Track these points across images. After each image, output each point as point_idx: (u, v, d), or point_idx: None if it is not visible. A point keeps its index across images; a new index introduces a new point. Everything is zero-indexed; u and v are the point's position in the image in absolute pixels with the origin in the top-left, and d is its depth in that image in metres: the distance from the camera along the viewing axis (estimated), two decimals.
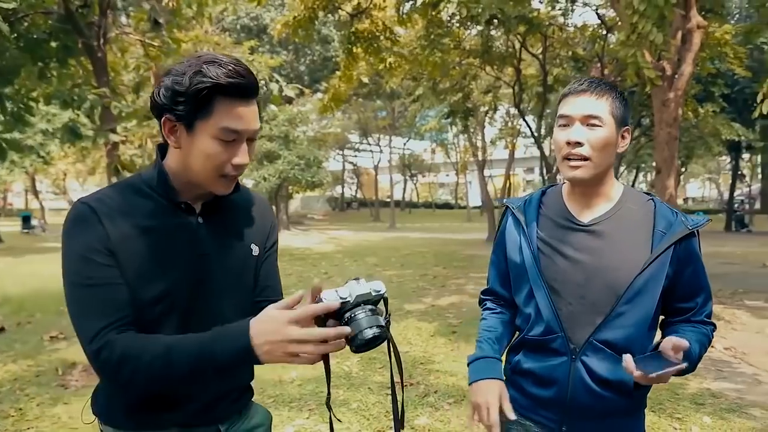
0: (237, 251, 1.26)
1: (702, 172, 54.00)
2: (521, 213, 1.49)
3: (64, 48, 5.20)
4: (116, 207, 1.14)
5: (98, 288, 1.09)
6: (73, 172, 31.00)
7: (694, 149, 21.57)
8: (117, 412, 1.23)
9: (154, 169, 1.20)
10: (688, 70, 6.99)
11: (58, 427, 3.64)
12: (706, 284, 1.43)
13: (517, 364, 1.49)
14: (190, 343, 1.04)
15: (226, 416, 1.30)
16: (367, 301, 1.02)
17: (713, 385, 4.47)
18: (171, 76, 1.09)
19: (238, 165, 1.13)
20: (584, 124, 1.34)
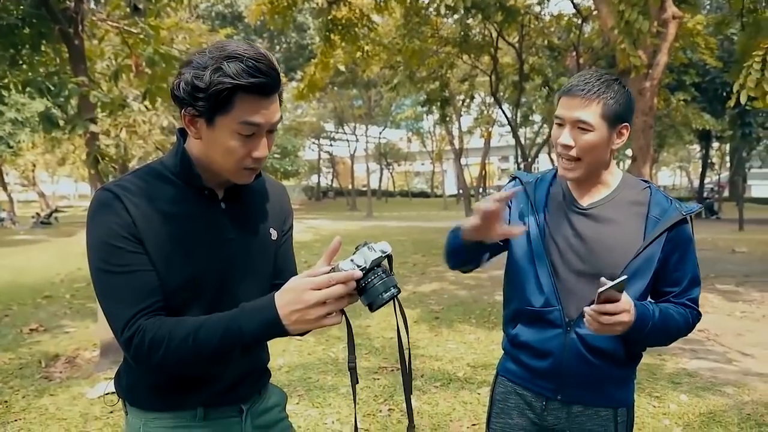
0: (258, 236, 1.29)
1: (673, 160, 55.18)
2: (532, 189, 1.56)
3: (39, 34, 5.07)
4: (140, 193, 1.14)
5: (127, 275, 1.10)
6: (42, 163, 30.23)
7: (666, 138, 22.06)
8: (142, 394, 1.25)
9: (176, 155, 1.20)
10: (663, 60, 7.14)
11: (45, 418, 3.61)
12: (694, 270, 1.48)
13: (515, 337, 1.56)
14: (218, 321, 1.06)
15: (248, 396, 1.33)
16: (378, 264, 1.07)
17: (689, 365, 4.64)
18: (192, 70, 1.06)
19: (258, 158, 1.14)
20: (574, 128, 1.39)
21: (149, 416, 1.24)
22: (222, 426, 1.28)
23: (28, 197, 43.50)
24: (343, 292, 1.02)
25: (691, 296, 1.47)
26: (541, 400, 1.52)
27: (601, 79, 1.39)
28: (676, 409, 3.72)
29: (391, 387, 4.09)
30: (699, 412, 3.66)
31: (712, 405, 3.78)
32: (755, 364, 4.65)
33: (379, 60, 12.75)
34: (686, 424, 3.49)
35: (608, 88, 1.38)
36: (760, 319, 6.24)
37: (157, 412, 1.24)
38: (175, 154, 1.21)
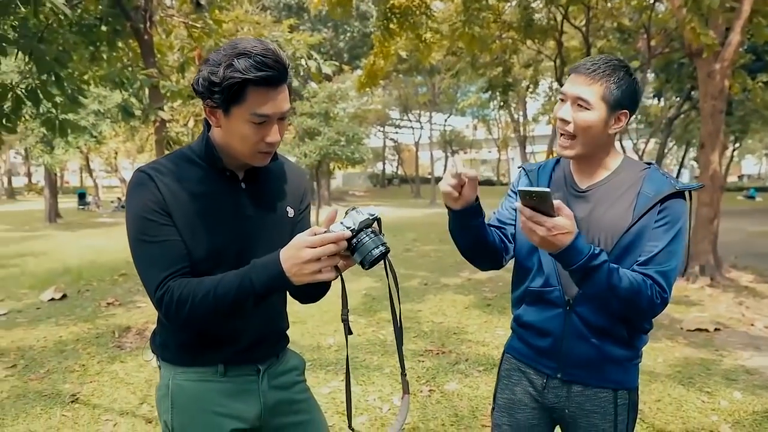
0: (275, 213, 1.43)
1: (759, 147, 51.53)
2: (535, 177, 1.62)
3: (114, 31, 5.45)
4: (170, 174, 1.31)
5: (159, 244, 1.26)
6: (123, 150, 32.03)
7: (749, 123, 20.62)
8: (171, 351, 1.43)
9: (202, 141, 1.36)
10: (736, 39, 6.76)
11: (116, 381, 3.99)
12: (674, 245, 1.40)
13: (519, 316, 1.62)
14: (233, 276, 1.22)
15: (265, 358, 1.48)
16: (368, 226, 1.20)
17: (749, 362, 4.45)
18: (208, 67, 1.21)
19: (271, 143, 1.28)
20: (574, 104, 1.42)
21: (177, 370, 1.42)
22: (240, 383, 1.43)
23: (111, 183, 46.26)
24: (334, 251, 1.15)
25: (658, 268, 1.38)
26: (543, 377, 1.56)
27: (609, 63, 1.41)
28: (728, 405, 3.60)
29: (434, 369, 4.19)
30: (752, 411, 3.53)
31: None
32: None
33: (440, 47, 12.67)
34: (736, 422, 3.38)
35: (613, 72, 1.40)
36: None
37: (183, 367, 1.41)
38: (201, 140, 1.37)
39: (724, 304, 6.32)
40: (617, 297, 1.34)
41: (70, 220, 19.87)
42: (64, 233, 15.19)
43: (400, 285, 1.33)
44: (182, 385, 1.40)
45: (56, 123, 4.38)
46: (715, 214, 7.41)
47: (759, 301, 6.53)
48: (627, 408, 1.53)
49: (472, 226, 1.49)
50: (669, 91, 17.40)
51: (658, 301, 1.37)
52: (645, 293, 1.35)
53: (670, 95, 17.97)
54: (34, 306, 6.37)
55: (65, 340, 5.01)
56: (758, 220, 17.55)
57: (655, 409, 3.54)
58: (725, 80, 6.98)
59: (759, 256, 9.75)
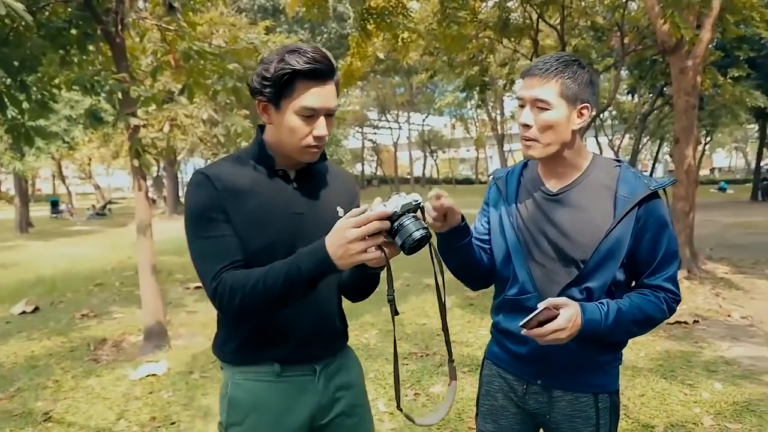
0: (325, 211, 1.45)
1: (729, 141, 52.68)
2: (504, 184, 1.59)
3: (84, 35, 5.31)
4: (226, 174, 1.38)
5: (215, 239, 1.33)
6: (97, 156, 31.50)
7: (719, 117, 21.05)
8: (229, 352, 1.47)
9: (256, 143, 1.44)
10: (706, 36, 6.87)
11: (91, 397, 3.87)
12: (669, 248, 1.43)
13: (498, 323, 1.60)
14: (282, 265, 1.26)
15: (320, 356, 1.48)
16: (409, 210, 1.20)
17: (728, 353, 4.51)
18: (262, 65, 1.32)
19: (318, 136, 1.34)
20: (533, 106, 1.39)
21: (236, 370, 1.46)
22: (297, 383, 1.45)
23: (86, 190, 45.47)
24: (378, 227, 1.17)
25: (666, 275, 1.43)
26: (523, 383, 1.55)
27: (560, 59, 1.38)
28: (709, 397, 3.64)
29: (419, 372, 4.16)
30: (733, 401, 3.57)
31: (748, 394, 3.67)
32: None
33: (417, 47, 12.67)
34: (717, 413, 3.41)
35: (567, 67, 1.37)
36: None
37: (241, 366, 1.45)
38: (254, 143, 1.45)
39: (701, 296, 6.41)
40: (640, 328, 1.44)
41: (42, 229, 19.42)
42: (36, 243, 14.83)
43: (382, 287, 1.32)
44: (240, 384, 1.45)
45: (22, 130, 4.23)
46: (690, 208, 7.51)
47: (734, 292, 6.64)
48: (608, 411, 1.51)
49: (461, 247, 1.50)
50: (642, 88, 17.66)
51: (674, 305, 1.46)
52: (660, 308, 1.43)
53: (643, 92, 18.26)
54: (4, 320, 6.18)
55: (37, 355, 4.86)
56: (731, 212, 17.90)
57: (640, 404, 3.55)
58: (697, 76, 7.08)
59: (733, 248, 9.93)
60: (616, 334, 1.42)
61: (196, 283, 7.86)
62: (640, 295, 1.44)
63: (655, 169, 40.66)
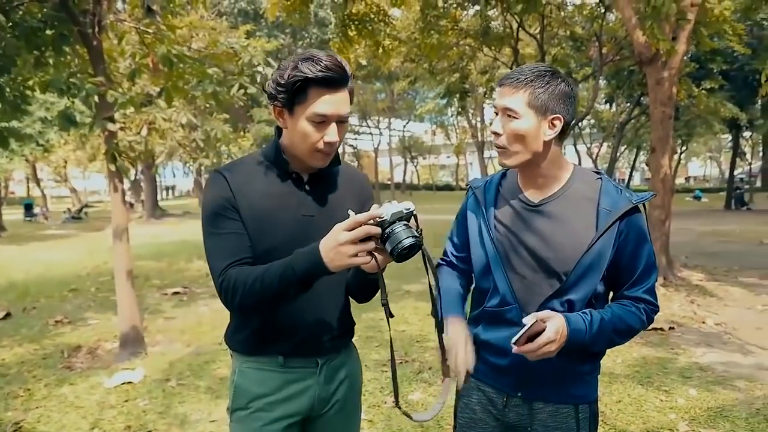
0: (336, 214, 1.44)
1: (703, 150, 53.80)
2: (482, 194, 1.57)
3: (60, 36, 5.22)
4: (241, 174, 1.45)
5: (226, 235, 1.39)
6: (73, 159, 30.96)
7: (695, 127, 21.49)
8: (238, 341, 1.54)
9: (272, 145, 1.49)
10: (682, 48, 7.01)
11: (64, 406, 3.77)
12: (649, 260, 1.45)
13: (477, 335, 1.57)
14: (279, 264, 1.31)
15: (324, 351, 1.54)
16: (401, 218, 1.22)
17: (702, 359, 4.58)
18: (277, 72, 1.37)
19: (329, 143, 1.38)
20: (504, 115, 1.41)
21: (243, 359, 1.53)
22: (299, 374, 1.52)
23: (61, 193, 44.65)
24: (367, 233, 1.20)
25: (645, 287, 1.46)
26: (503, 396, 1.54)
27: (534, 70, 1.39)
28: (684, 403, 3.69)
29: (398, 379, 4.14)
30: (707, 407, 3.62)
31: (722, 399, 3.73)
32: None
33: (398, 54, 12.73)
34: (692, 419, 3.46)
35: (538, 77, 1.38)
36: None
37: (248, 356, 1.53)
38: (271, 145, 1.50)
39: (677, 303, 6.51)
40: (620, 337, 1.46)
41: (15, 232, 18.99)
42: (9, 247, 14.49)
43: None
44: (246, 372, 1.52)
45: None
46: (666, 216, 7.64)
47: (709, 299, 6.76)
48: (588, 421, 1.52)
49: None
50: (620, 98, 17.96)
51: (653, 315, 1.49)
52: (640, 318, 1.46)
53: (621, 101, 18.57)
54: None
55: (8, 363, 4.73)
56: (705, 221, 18.24)
57: (617, 411, 3.58)
58: (673, 87, 7.22)
59: (707, 255, 10.11)
60: (598, 344, 1.44)
61: (174, 289, 7.76)
62: (621, 306, 1.46)
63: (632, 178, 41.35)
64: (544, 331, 1.31)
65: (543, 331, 1.31)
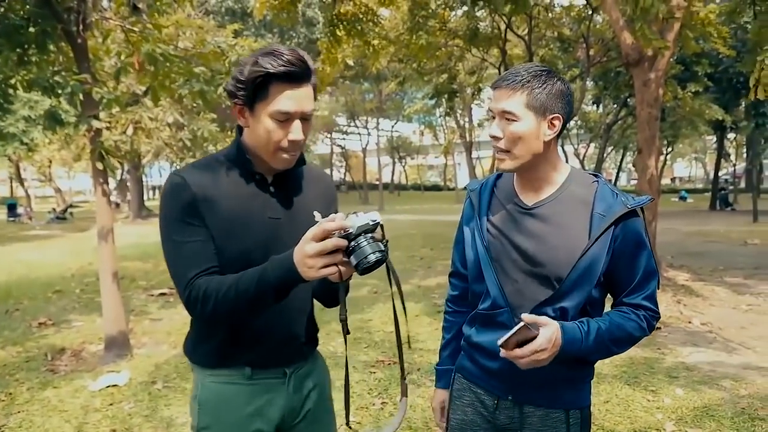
0: (302, 216, 1.41)
1: (689, 151, 54.38)
2: (477, 196, 1.56)
3: (44, 33, 5.13)
4: (203, 177, 1.35)
5: (190, 244, 1.31)
6: (58, 159, 30.58)
7: (680, 129, 21.71)
8: (201, 354, 1.47)
9: (234, 145, 1.41)
10: (668, 51, 7.05)
11: (47, 410, 3.71)
12: (648, 266, 1.41)
13: (469, 337, 1.57)
14: (253, 272, 1.25)
15: (291, 360, 1.49)
16: (367, 231, 1.17)
17: (688, 359, 4.62)
18: (238, 68, 1.29)
19: (293, 141, 1.32)
20: (502, 118, 1.38)
21: (207, 372, 1.45)
22: (267, 386, 1.45)
23: (46, 193, 44.11)
24: (335, 246, 1.14)
25: (645, 293, 1.42)
26: (493, 398, 1.53)
27: (530, 70, 1.36)
28: (671, 403, 3.71)
29: (386, 381, 4.13)
30: (693, 406, 3.65)
31: (708, 399, 3.76)
32: (756, 358, 4.62)
33: (386, 54, 12.72)
34: (679, 419, 3.48)
35: (535, 78, 1.35)
36: (766, 312, 6.18)
37: (212, 369, 1.45)
38: (233, 145, 1.42)
39: (663, 303, 6.56)
40: (619, 347, 1.42)
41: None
42: None
43: (350, 293, 1.31)
44: (210, 387, 1.44)
45: None
46: (653, 217, 7.68)
47: (694, 298, 6.82)
48: (579, 427, 1.50)
49: None
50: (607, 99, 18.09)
51: (653, 323, 1.45)
52: (641, 326, 1.42)
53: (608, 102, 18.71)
54: None
55: None
56: (691, 221, 18.44)
57: (604, 411, 3.60)
58: (660, 89, 7.27)
59: (693, 255, 10.21)
60: (596, 354, 1.42)
61: (160, 290, 7.68)
62: (620, 313, 1.43)
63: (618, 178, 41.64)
64: (536, 339, 1.29)
65: (534, 338, 1.29)
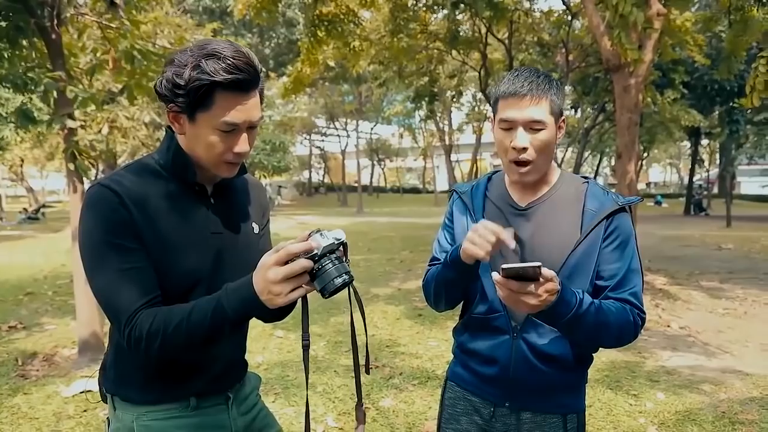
0: (243, 229, 1.34)
1: (664, 157, 55.45)
2: (469, 198, 1.53)
3: (16, 28, 4.98)
4: (136, 189, 1.17)
5: (128, 272, 1.13)
6: (30, 158, 29.88)
7: (656, 134, 22.09)
8: (134, 388, 1.27)
9: (168, 151, 1.23)
10: (648, 57, 7.14)
11: (17, 417, 3.57)
12: (634, 263, 1.40)
13: (463, 343, 1.54)
14: (206, 303, 1.11)
15: (233, 384, 1.39)
16: (332, 251, 1.10)
17: (668, 363, 4.65)
18: (173, 68, 1.11)
19: (239, 153, 1.19)
20: (527, 128, 1.35)
21: (141, 410, 1.26)
22: (211, 415, 1.32)
23: (17, 192, 43.07)
24: (303, 268, 1.05)
25: (632, 289, 1.39)
26: (489, 406, 1.50)
27: (539, 75, 1.37)
28: (653, 407, 3.72)
29: (368, 385, 4.07)
30: (675, 410, 3.67)
31: (689, 403, 3.78)
32: (734, 362, 4.67)
33: (367, 55, 12.69)
34: (661, 423, 3.49)
35: (551, 84, 1.36)
36: (742, 316, 6.27)
37: (149, 405, 1.26)
38: (166, 150, 1.23)
39: None
40: (607, 334, 1.34)
41: None
42: None
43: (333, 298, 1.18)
44: (150, 425, 1.25)
45: None
46: (633, 221, 7.77)
47: (673, 303, 6.90)
48: (576, 430, 1.48)
49: (472, 279, 1.43)
50: (585, 104, 18.30)
51: (640, 322, 1.39)
52: (627, 319, 1.36)
53: (586, 107, 18.92)
54: None
55: None
56: (666, 225, 18.74)
57: (588, 415, 3.56)
58: (639, 94, 7.36)
59: (669, 259, 10.36)
60: (580, 333, 1.32)
61: None
62: (610, 302, 1.37)
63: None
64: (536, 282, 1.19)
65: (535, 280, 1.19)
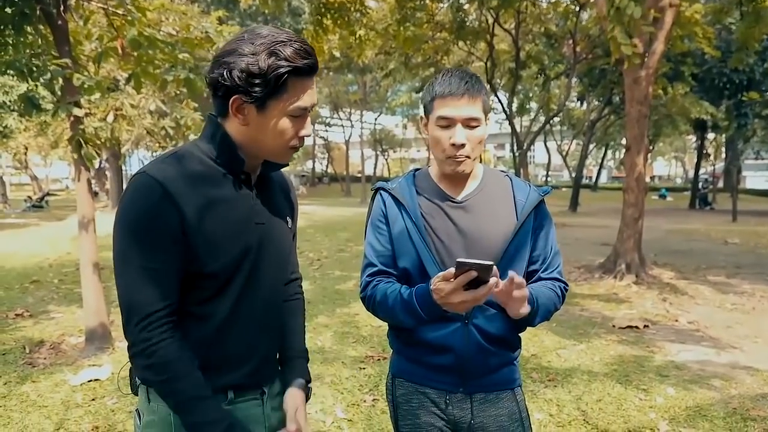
0: (281, 222, 1.35)
1: (669, 150, 55.17)
2: (401, 194, 1.55)
3: (21, 15, 4.93)
4: (182, 179, 1.15)
5: (152, 272, 1.13)
6: (34, 146, 29.88)
7: (662, 128, 21.96)
8: None
9: (213, 139, 1.22)
10: (659, 48, 7.07)
11: (26, 405, 3.57)
12: (555, 245, 1.59)
13: (410, 336, 1.52)
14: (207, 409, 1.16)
15: (268, 379, 1.37)
16: None
17: (677, 358, 4.62)
18: (244, 58, 1.10)
19: (304, 136, 1.23)
20: (465, 125, 1.45)
21: None
22: (246, 409, 1.31)
23: (22, 180, 43.13)
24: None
25: (558, 268, 1.58)
26: (443, 394, 1.53)
27: (473, 77, 1.48)
28: (663, 402, 3.69)
29: (376, 376, 4.06)
30: (686, 406, 3.64)
31: (699, 399, 3.76)
32: (743, 357, 4.64)
33: (373, 45, 12.62)
34: (672, 418, 3.46)
35: (481, 85, 1.48)
36: (750, 311, 6.23)
37: None
38: (211, 138, 1.22)
39: (649, 301, 6.59)
40: (549, 314, 1.51)
41: None
42: None
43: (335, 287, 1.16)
44: None
45: None
46: (640, 214, 7.72)
47: (680, 297, 6.86)
48: (524, 402, 1.60)
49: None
50: (591, 96, 18.19)
51: (565, 293, 1.58)
52: (559, 294, 1.55)
53: (592, 100, 18.81)
54: None
55: None
56: (672, 219, 18.67)
57: (597, 410, 3.57)
58: (650, 86, 7.28)
59: (675, 253, 10.31)
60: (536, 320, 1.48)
61: None
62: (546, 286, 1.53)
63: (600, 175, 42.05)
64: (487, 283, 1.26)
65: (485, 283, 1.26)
